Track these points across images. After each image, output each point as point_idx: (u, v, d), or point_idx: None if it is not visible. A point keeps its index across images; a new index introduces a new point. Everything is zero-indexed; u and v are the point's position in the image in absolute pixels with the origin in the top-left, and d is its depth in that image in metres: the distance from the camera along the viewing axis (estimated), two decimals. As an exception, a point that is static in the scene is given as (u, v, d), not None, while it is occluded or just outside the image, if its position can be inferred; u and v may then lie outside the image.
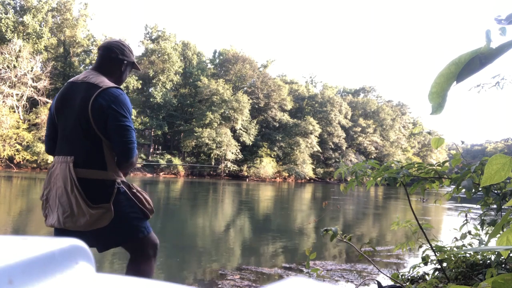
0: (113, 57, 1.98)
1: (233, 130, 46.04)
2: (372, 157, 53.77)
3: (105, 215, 1.75)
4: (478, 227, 2.66)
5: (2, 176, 24.57)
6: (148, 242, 1.88)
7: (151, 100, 43.84)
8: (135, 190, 1.90)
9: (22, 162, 34.89)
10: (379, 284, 2.97)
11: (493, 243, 2.19)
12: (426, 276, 2.94)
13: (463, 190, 2.12)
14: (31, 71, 37.65)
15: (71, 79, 1.96)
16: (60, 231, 1.82)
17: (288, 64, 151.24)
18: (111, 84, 1.87)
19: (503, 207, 2.08)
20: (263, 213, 11.69)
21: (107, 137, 1.80)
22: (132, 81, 41.07)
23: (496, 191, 2.14)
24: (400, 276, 2.95)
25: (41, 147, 34.80)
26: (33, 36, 39.83)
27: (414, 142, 66.12)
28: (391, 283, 2.95)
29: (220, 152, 43.26)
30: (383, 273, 3.16)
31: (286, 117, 50.53)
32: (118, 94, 1.83)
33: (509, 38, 0.56)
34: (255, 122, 48.43)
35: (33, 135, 35.52)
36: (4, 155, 33.57)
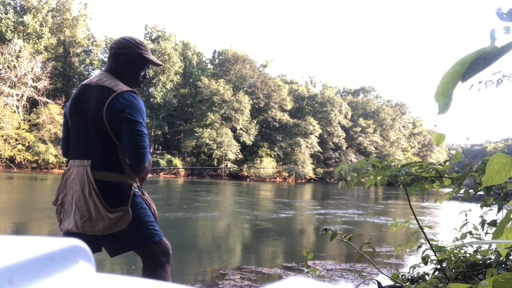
0: (111, 53, 1.95)
1: (233, 130, 46.07)
2: (372, 157, 53.76)
3: (123, 218, 1.74)
4: (479, 227, 2.66)
5: (5, 177, 24.56)
6: (162, 247, 1.87)
7: (151, 100, 43.85)
8: (146, 196, 1.92)
9: (23, 162, 34.91)
10: (379, 284, 2.97)
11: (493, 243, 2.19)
12: (426, 276, 2.94)
13: (463, 190, 2.12)
14: (31, 71, 37.65)
15: (85, 82, 1.93)
16: (73, 236, 1.80)
17: (288, 64, 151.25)
18: (126, 88, 1.83)
19: (504, 206, 2.08)
20: (263, 212, 11.69)
21: (121, 142, 1.79)
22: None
23: (497, 191, 2.14)
24: (400, 276, 2.95)
25: (42, 147, 34.82)
26: (33, 36, 39.85)
27: (414, 142, 66.14)
28: (391, 283, 2.95)
29: (221, 152, 43.30)
30: (383, 273, 3.15)
31: (286, 117, 50.53)
32: (132, 99, 1.80)
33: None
34: (255, 122, 48.45)
35: (34, 135, 35.54)
36: (5, 155, 33.59)
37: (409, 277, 2.94)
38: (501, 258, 2.22)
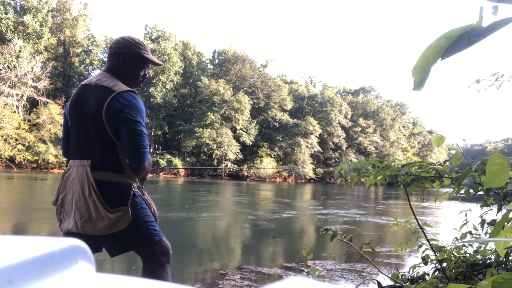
0: (111, 53, 1.94)
1: (233, 130, 46.08)
2: (373, 156, 53.80)
3: (123, 218, 1.74)
4: (478, 227, 2.66)
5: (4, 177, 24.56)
6: (162, 247, 1.87)
7: (151, 100, 43.86)
8: (146, 196, 1.92)
9: (23, 162, 34.91)
10: (379, 284, 2.97)
11: (492, 244, 2.19)
12: (426, 276, 2.94)
13: (463, 190, 2.12)
14: (31, 71, 37.65)
15: (84, 82, 1.92)
16: (73, 236, 1.80)
17: (288, 64, 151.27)
18: (125, 88, 1.83)
19: (504, 206, 2.08)
20: (263, 212, 11.69)
21: (120, 142, 1.79)
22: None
23: (496, 191, 2.14)
24: (400, 276, 2.95)
25: (42, 147, 34.82)
26: (33, 36, 39.85)
27: (414, 142, 66.11)
28: (391, 283, 2.95)
29: (221, 152, 43.31)
30: (383, 273, 3.15)
31: (286, 117, 50.53)
32: (131, 98, 1.80)
33: (500, 17, 0.55)
34: (255, 122, 48.45)
35: (34, 135, 35.53)
36: (5, 155, 33.58)
37: (409, 277, 2.94)
38: (501, 258, 2.22)
